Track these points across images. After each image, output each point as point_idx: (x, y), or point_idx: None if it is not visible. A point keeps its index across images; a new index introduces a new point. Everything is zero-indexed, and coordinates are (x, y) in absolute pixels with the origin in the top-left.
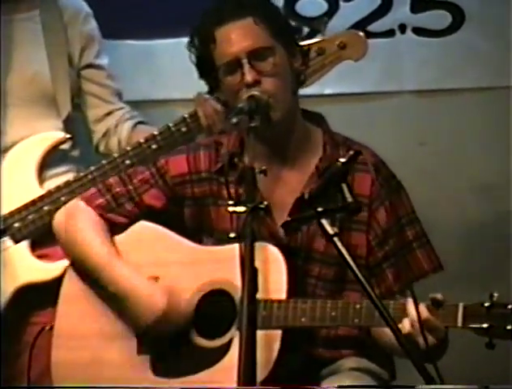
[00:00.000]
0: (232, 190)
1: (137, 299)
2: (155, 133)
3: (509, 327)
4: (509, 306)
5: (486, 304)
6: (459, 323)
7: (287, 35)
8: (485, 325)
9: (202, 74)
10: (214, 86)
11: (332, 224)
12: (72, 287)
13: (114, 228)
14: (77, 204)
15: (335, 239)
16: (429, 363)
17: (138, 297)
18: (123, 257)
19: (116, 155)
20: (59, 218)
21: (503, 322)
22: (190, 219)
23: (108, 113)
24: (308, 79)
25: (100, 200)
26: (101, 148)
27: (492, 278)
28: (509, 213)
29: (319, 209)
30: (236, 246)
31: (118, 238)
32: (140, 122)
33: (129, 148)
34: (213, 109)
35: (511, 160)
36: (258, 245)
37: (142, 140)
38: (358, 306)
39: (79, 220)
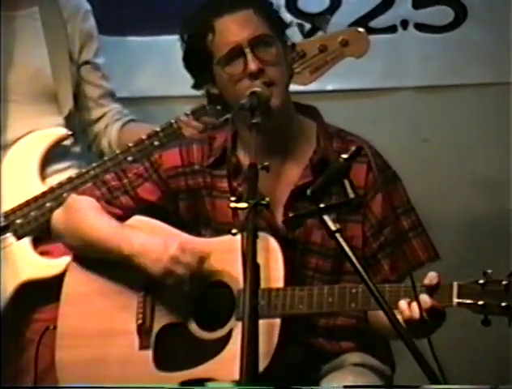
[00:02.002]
0: (225, 184)
1: (152, 247)
2: (158, 129)
3: (503, 304)
4: (504, 282)
5: (480, 281)
6: (454, 302)
7: (281, 28)
8: (480, 302)
9: (193, 65)
10: (205, 79)
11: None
12: (73, 285)
13: None
14: (74, 197)
15: (337, 235)
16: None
17: (154, 244)
18: None
19: (118, 151)
20: (57, 215)
21: (498, 298)
22: (186, 212)
23: (101, 117)
24: (309, 76)
25: (96, 192)
26: (93, 149)
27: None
28: (509, 208)
29: (321, 205)
30: (234, 238)
31: None
32: (131, 120)
33: (131, 145)
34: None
35: (511, 155)
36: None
37: (144, 137)
38: (354, 291)
39: (81, 207)
